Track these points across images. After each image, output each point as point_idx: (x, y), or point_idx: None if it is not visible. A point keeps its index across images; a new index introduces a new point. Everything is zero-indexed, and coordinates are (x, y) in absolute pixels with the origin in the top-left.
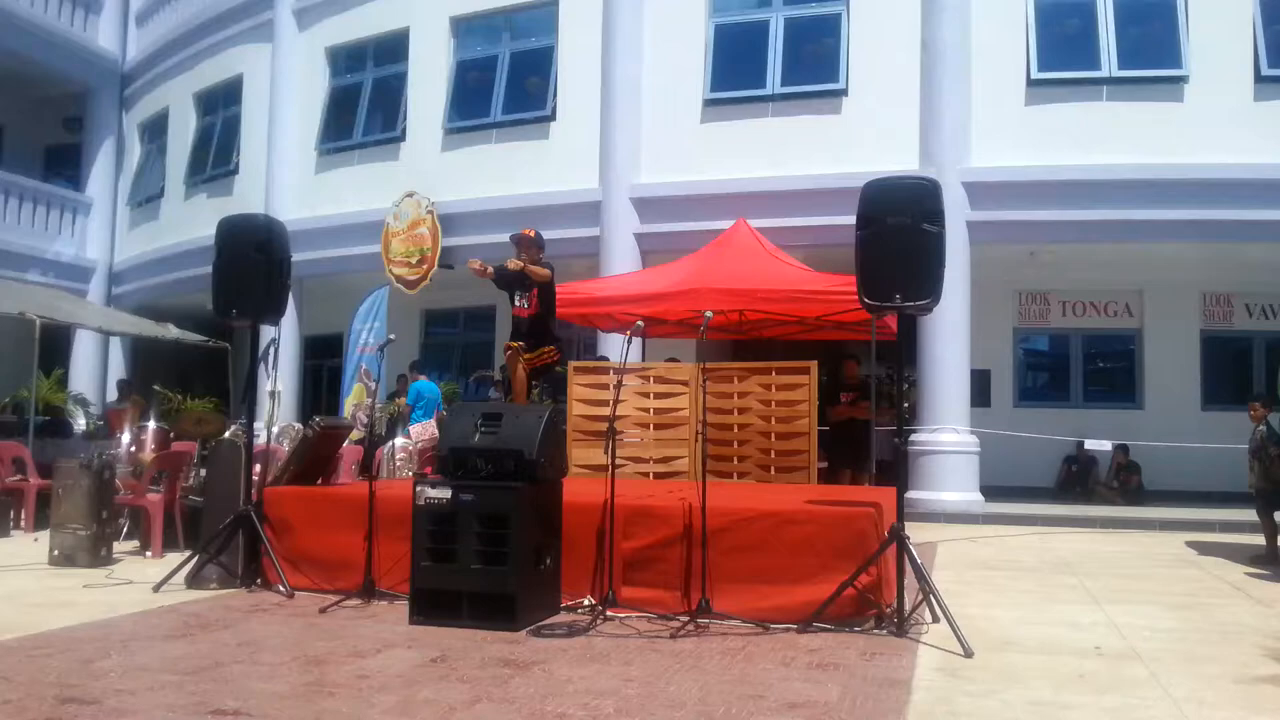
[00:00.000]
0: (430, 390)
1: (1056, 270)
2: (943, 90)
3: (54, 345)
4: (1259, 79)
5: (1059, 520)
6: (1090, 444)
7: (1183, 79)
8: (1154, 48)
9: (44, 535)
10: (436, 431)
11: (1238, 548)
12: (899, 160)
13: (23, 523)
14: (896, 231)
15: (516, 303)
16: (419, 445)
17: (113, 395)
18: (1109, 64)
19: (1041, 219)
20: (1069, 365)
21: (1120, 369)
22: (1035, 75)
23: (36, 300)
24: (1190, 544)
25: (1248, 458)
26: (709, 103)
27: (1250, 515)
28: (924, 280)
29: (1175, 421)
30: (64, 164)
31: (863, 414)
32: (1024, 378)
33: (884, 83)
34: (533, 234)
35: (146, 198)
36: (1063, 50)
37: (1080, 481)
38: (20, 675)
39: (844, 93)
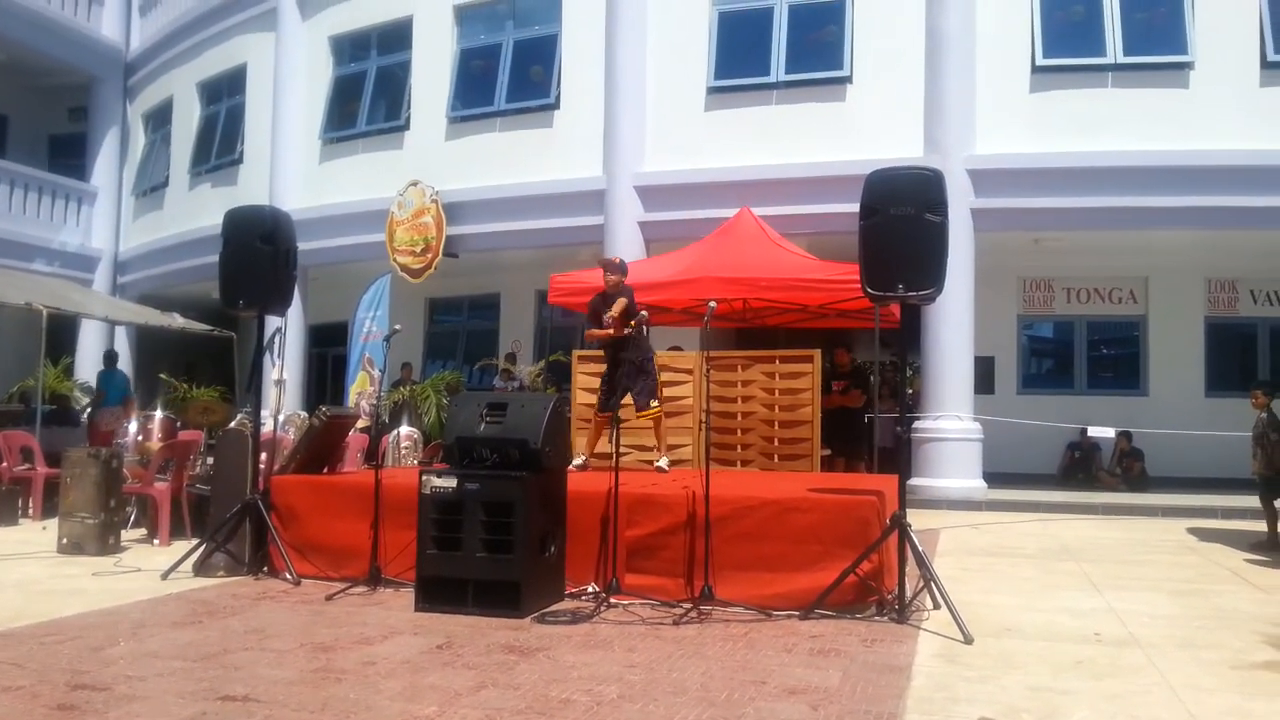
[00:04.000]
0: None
1: (1061, 257)
2: (947, 77)
3: (60, 334)
4: (1265, 65)
5: (1061, 507)
6: (1093, 431)
7: (1188, 65)
8: (1159, 34)
9: (52, 523)
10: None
11: (1239, 534)
12: (903, 147)
13: (31, 511)
14: (899, 221)
15: (605, 321)
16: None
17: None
18: (1114, 50)
19: (1046, 206)
20: (1073, 352)
21: (1124, 355)
22: (1040, 61)
23: (43, 290)
24: (1191, 530)
25: (1251, 444)
26: (713, 90)
27: (1252, 502)
28: (927, 270)
29: (1179, 408)
30: (69, 153)
31: (854, 402)
32: (1028, 364)
33: (888, 70)
34: (617, 260)
35: (151, 187)
36: (1067, 36)
37: (1083, 468)
38: (32, 662)
39: (848, 80)
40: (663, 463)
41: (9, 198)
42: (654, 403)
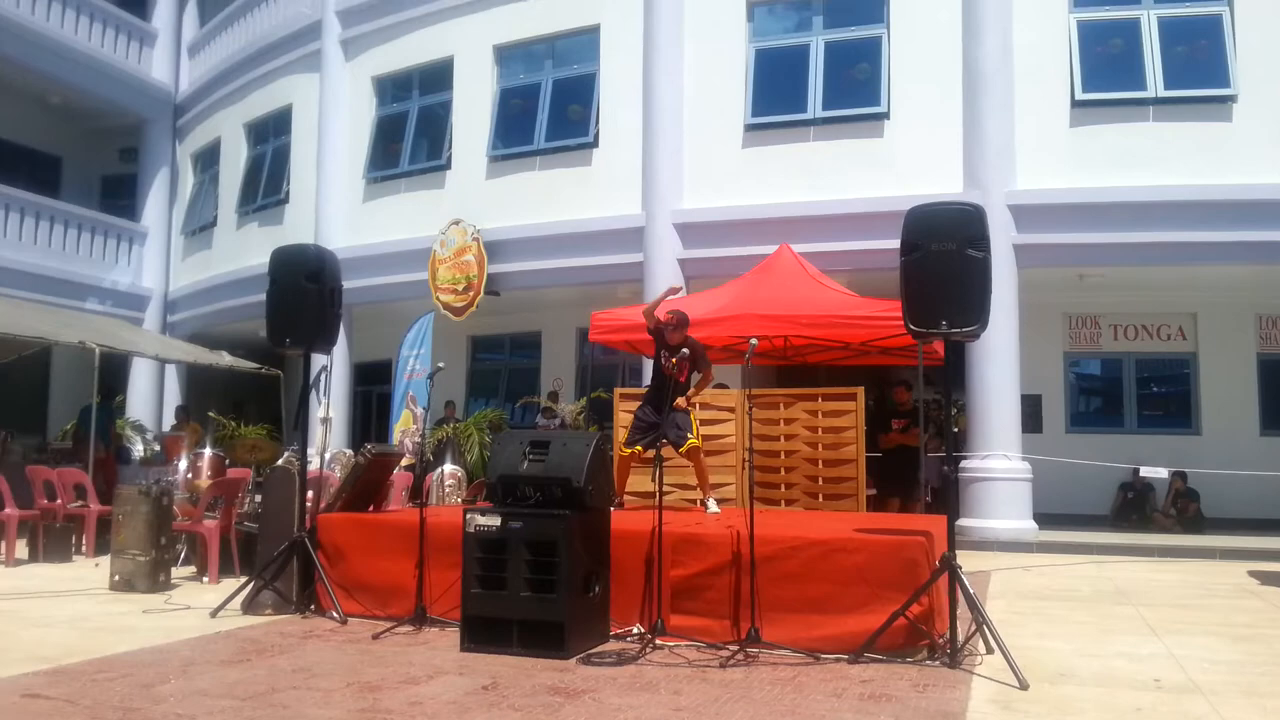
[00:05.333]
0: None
1: (1107, 293)
2: (986, 112)
3: (111, 373)
4: None
5: (1115, 549)
6: (1146, 471)
7: (1231, 98)
8: (1201, 67)
9: (104, 560)
10: None
11: None
12: (942, 183)
13: (84, 548)
14: (941, 257)
15: (664, 361)
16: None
17: (169, 422)
18: (1155, 84)
19: (1089, 241)
20: (1122, 390)
21: (1175, 393)
22: (1080, 96)
23: (95, 329)
24: (1252, 574)
25: None
26: (750, 127)
27: None
28: (970, 306)
29: (1233, 447)
30: (120, 194)
31: (914, 441)
32: (1076, 402)
33: (926, 105)
34: (672, 319)
35: (200, 226)
36: (1107, 71)
37: (1137, 509)
38: (84, 699)
39: (885, 116)
40: (712, 505)
41: (63, 237)
42: (690, 436)
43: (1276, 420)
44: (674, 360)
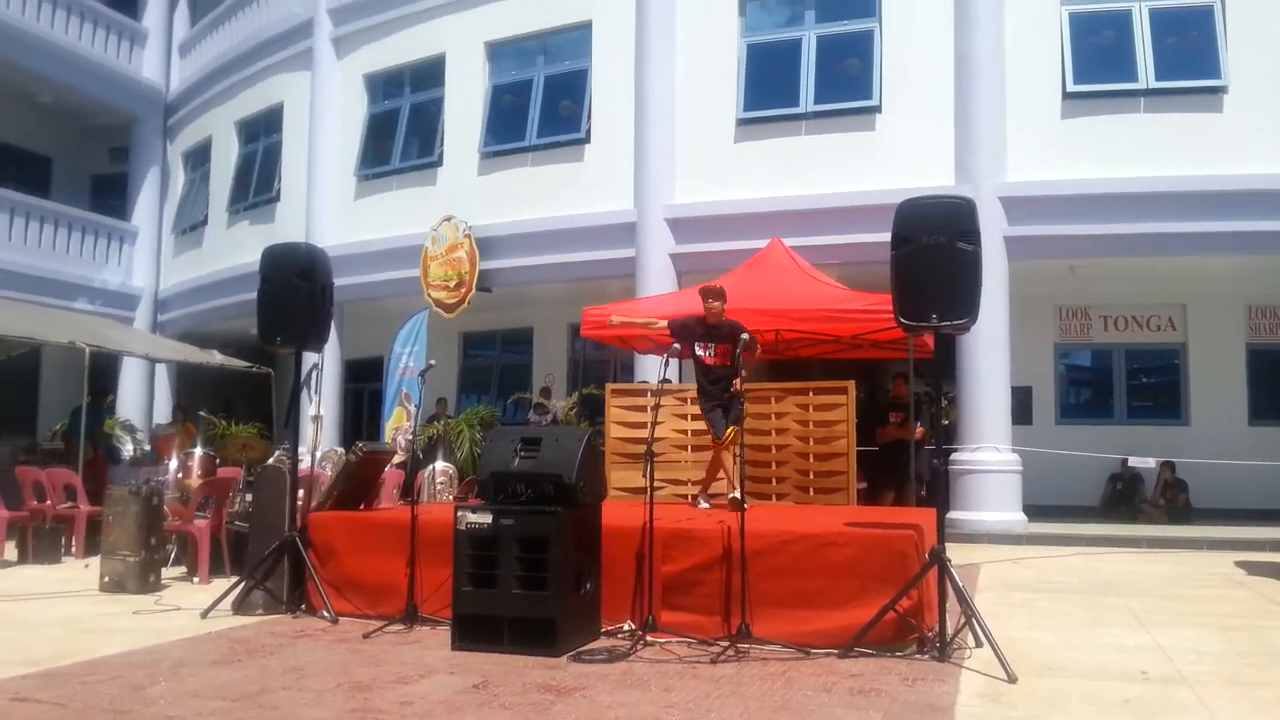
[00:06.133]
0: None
1: (1097, 284)
2: (977, 105)
3: (101, 372)
4: None
5: (1104, 540)
6: (1135, 461)
7: (1222, 89)
8: (1192, 59)
9: (94, 561)
10: None
11: None
12: (934, 176)
13: (74, 549)
14: (932, 250)
15: (700, 351)
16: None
17: (160, 420)
18: (1146, 76)
19: (1080, 233)
20: (1112, 381)
21: (1165, 384)
22: (1071, 88)
23: (85, 329)
24: (1239, 564)
25: None
26: (742, 122)
27: None
28: (960, 299)
29: (1222, 437)
30: (110, 193)
31: (909, 434)
32: (1066, 394)
33: (918, 99)
34: (718, 286)
35: (190, 225)
36: (1099, 63)
37: (1125, 500)
38: (74, 701)
39: (877, 109)
40: (703, 503)
41: (53, 237)
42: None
43: (1265, 410)
44: (712, 345)
